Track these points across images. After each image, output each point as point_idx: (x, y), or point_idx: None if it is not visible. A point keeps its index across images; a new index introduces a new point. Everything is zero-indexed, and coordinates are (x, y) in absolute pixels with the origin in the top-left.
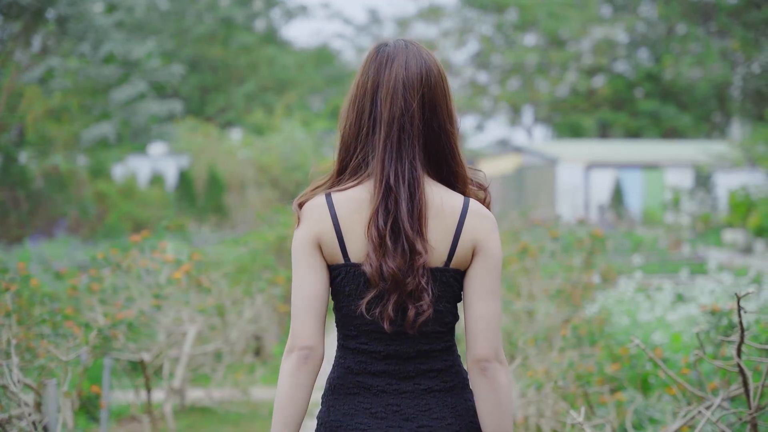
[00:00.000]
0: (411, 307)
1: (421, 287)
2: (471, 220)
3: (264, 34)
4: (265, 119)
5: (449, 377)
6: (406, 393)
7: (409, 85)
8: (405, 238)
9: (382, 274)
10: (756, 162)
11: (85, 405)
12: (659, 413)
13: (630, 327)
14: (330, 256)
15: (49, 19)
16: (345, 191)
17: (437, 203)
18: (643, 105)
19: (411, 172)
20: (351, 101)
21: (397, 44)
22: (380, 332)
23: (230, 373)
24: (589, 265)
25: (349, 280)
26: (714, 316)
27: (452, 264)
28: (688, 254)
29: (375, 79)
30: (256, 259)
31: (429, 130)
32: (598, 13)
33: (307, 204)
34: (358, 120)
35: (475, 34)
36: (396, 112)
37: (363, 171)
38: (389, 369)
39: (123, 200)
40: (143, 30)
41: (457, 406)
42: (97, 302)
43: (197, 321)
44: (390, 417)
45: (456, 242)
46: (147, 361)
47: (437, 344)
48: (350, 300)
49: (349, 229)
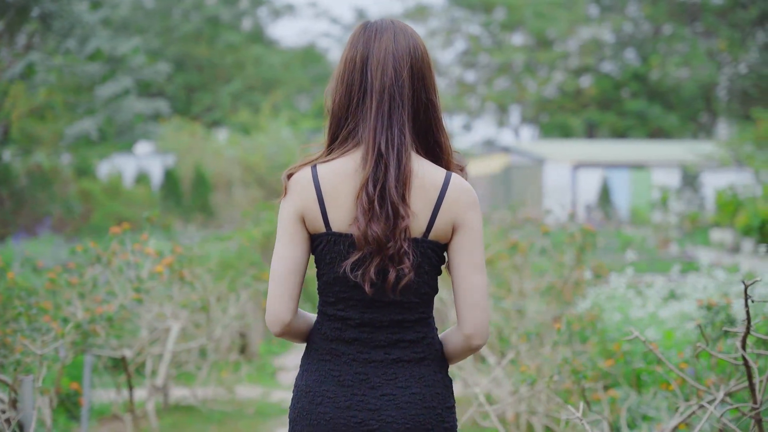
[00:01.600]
0: (392, 270)
1: (403, 251)
2: (451, 194)
3: (250, 33)
4: (252, 118)
5: (420, 349)
6: (375, 362)
7: (399, 57)
8: (390, 204)
9: (368, 237)
10: (743, 162)
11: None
12: (654, 410)
13: (622, 323)
14: (312, 226)
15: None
16: (330, 163)
17: (420, 174)
18: (630, 105)
19: (400, 140)
20: (339, 76)
21: (383, 20)
22: (357, 300)
23: (215, 370)
24: (581, 261)
25: (330, 248)
26: (710, 311)
27: (431, 236)
28: (676, 253)
29: (364, 52)
30: (242, 255)
31: (417, 100)
32: (585, 13)
33: (294, 176)
34: (347, 92)
35: (463, 34)
36: (387, 82)
37: (350, 141)
38: (362, 337)
39: (108, 199)
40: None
41: (425, 377)
42: (77, 296)
43: (181, 317)
44: (356, 385)
45: (435, 214)
46: (129, 358)
47: (411, 315)
48: (330, 267)
49: (332, 199)
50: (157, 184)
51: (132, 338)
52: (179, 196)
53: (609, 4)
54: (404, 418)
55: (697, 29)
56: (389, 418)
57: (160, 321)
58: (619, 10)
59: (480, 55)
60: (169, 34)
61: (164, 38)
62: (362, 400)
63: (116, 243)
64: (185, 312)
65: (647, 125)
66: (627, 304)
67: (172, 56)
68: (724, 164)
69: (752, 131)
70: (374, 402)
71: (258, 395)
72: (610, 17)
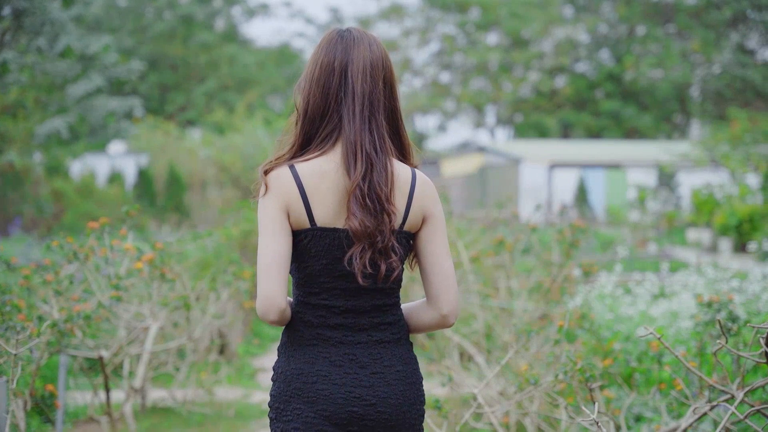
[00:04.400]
0: (382, 263)
1: (391, 245)
2: (419, 188)
3: (224, 32)
4: (226, 118)
5: (396, 329)
6: (361, 343)
7: (375, 66)
8: (378, 201)
9: (365, 231)
10: (719, 161)
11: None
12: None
13: (612, 322)
14: (296, 222)
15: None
16: (309, 162)
17: (396, 173)
18: (605, 105)
19: (381, 143)
20: (314, 79)
21: (356, 30)
22: (341, 289)
23: (194, 372)
24: (570, 258)
25: (315, 243)
26: (711, 308)
27: (405, 227)
28: (655, 252)
29: (343, 58)
30: (220, 254)
31: (387, 106)
32: (560, 14)
33: (272, 173)
34: (324, 95)
35: (437, 34)
36: (367, 89)
37: (328, 142)
38: (346, 322)
39: (81, 199)
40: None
41: (403, 355)
42: (52, 294)
43: (159, 317)
44: (347, 364)
45: (409, 207)
46: (106, 358)
47: (389, 299)
48: (316, 260)
49: (315, 196)
50: (130, 184)
51: (109, 338)
52: (153, 196)
53: (583, 5)
54: (395, 394)
55: (670, 30)
56: (383, 394)
57: (138, 320)
58: (593, 10)
59: (455, 55)
60: (143, 32)
61: (137, 37)
62: (355, 378)
63: (93, 239)
64: (164, 311)
65: (622, 125)
66: (617, 303)
67: (146, 55)
68: (699, 164)
69: (727, 131)
70: (366, 379)
71: (238, 397)
72: (584, 18)
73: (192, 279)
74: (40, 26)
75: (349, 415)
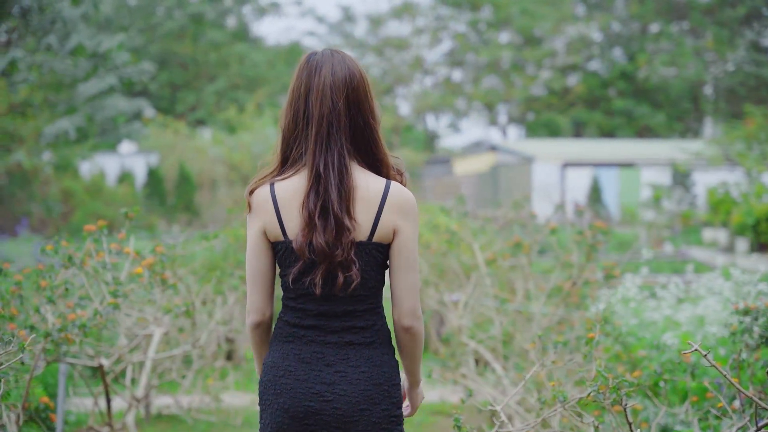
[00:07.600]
0: (340, 275)
1: (350, 259)
2: (391, 200)
3: (235, 30)
4: (236, 117)
5: (369, 334)
6: (331, 344)
7: (336, 88)
8: (334, 218)
9: (310, 248)
10: (734, 160)
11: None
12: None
13: (637, 327)
14: (273, 236)
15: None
16: (285, 180)
17: (363, 186)
18: (617, 104)
19: (339, 161)
20: (288, 103)
21: (324, 53)
22: (313, 295)
23: (200, 378)
24: (591, 260)
25: (288, 254)
26: (748, 316)
27: (374, 238)
28: (671, 253)
29: (307, 83)
30: (227, 256)
31: (354, 124)
32: (572, 11)
33: (255, 193)
34: (294, 119)
35: (449, 32)
36: (324, 111)
37: (300, 162)
38: (319, 324)
39: (90, 198)
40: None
41: (373, 358)
42: (46, 301)
43: (163, 322)
44: (314, 362)
45: (378, 219)
46: (106, 367)
47: (360, 305)
48: (290, 269)
49: (287, 212)
50: (140, 184)
51: (110, 346)
52: (163, 195)
53: (596, 3)
54: (355, 392)
55: (684, 28)
56: (341, 391)
57: (140, 327)
58: (606, 8)
59: (467, 54)
60: (153, 31)
61: (147, 36)
62: (319, 375)
63: (91, 242)
64: (168, 317)
65: (634, 124)
66: (641, 307)
67: (156, 54)
68: (714, 163)
69: (742, 129)
70: (329, 377)
71: (246, 403)
72: (597, 15)
73: (199, 281)
74: (51, 24)
75: (305, 409)
